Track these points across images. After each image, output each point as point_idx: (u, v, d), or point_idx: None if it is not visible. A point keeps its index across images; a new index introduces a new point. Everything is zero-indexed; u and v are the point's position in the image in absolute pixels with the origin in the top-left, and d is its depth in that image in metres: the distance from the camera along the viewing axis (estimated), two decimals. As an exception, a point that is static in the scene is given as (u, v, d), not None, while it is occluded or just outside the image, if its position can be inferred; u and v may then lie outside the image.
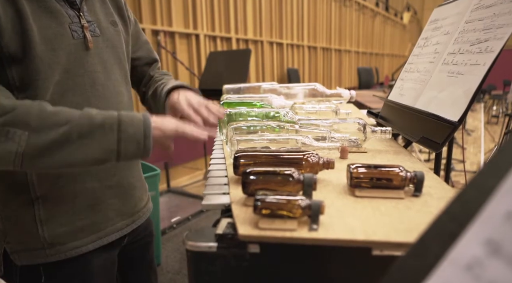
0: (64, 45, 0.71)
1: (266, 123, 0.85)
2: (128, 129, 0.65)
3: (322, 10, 6.46)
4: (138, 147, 0.65)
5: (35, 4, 0.68)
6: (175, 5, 3.39)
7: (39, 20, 0.68)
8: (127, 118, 0.66)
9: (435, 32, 1.11)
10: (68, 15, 0.73)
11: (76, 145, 0.62)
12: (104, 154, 0.64)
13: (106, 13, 0.84)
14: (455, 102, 0.81)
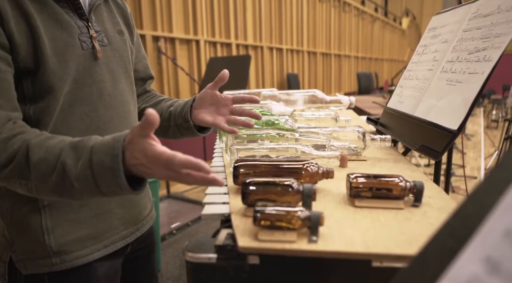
0: (74, 56, 0.72)
1: (266, 132, 0.85)
2: (103, 181, 0.58)
3: (321, 15, 6.50)
4: (120, 192, 0.59)
5: (46, 16, 0.69)
6: (175, 11, 3.41)
7: (50, 32, 0.69)
8: (98, 169, 0.58)
9: (434, 40, 1.12)
10: (78, 26, 0.74)
11: (68, 192, 0.61)
12: (95, 197, 0.62)
13: (113, 22, 0.85)
14: (454, 111, 0.81)
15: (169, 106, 0.93)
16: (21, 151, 0.60)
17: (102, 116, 0.78)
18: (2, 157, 0.60)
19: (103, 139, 0.60)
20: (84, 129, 0.75)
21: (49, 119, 0.70)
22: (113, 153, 0.56)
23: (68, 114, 0.73)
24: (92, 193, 0.60)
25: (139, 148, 0.55)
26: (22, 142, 0.61)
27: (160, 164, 0.53)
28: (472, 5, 0.96)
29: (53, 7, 0.71)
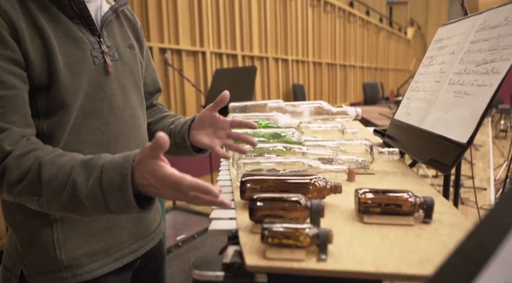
0: (86, 71, 0.73)
1: (272, 145, 0.85)
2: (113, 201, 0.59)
3: (326, 26, 6.54)
4: (128, 212, 0.60)
5: (60, 33, 0.70)
6: (182, 24, 3.46)
7: (63, 48, 0.70)
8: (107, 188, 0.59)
9: (440, 51, 1.11)
10: (90, 42, 0.75)
11: (77, 209, 0.62)
12: (104, 214, 0.62)
13: (123, 37, 0.86)
14: (463, 124, 0.80)
15: (171, 124, 0.93)
16: (34, 168, 0.61)
17: (113, 130, 0.78)
18: (16, 174, 0.61)
19: (113, 158, 0.61)
20: (95, 143, 0.75)
21: (61, 134, 0.71)
22: (122, 172, 0.57)
23: (80, 128, 0.73)
24: (101, 211, 0.60)
25: (148, 169, 0.55)
26: (34, 159, 0.62)
27: (168, 185, 0.54)
28: (479, 17, 0.95)
29: (67, 24, 0.72)
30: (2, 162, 0.61)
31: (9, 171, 0.61)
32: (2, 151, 0.61)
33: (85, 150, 0.73)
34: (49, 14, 0.70)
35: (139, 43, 0.92)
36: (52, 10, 0.71)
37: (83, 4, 0.74)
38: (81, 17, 0.74)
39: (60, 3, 0.72)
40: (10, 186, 0.62)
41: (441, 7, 12.77)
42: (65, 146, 0.72)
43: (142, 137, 0.88)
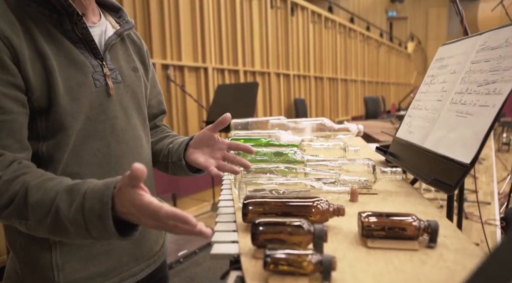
0: (87, 94, 0.74)
1: (275, 166, 0.84)
2: (94, 228, 0.59)
3: (327, 41, 6.61)
4: (108, 238, 0.60)
5: (62, 57, 0.71)
6: (184, 41, 3.50)
7: (64, 72, 0.71)
8: (88, 214, 0.59)
9: (442, 70, 1.12)
10: (92, 65, 0.76)
11: (63, 233, 0.62)
12: (88, 240, 0.63)
13: (128, 59, 0.87)
14: (466, 144, 0.80)
15: (169, 143, 0.93)
16: (21, 192, 0.62)
17: (114, 152, 0.79)
18: (4, 198, 0.62)
19: (96, 185, 0.61)
20: (97, 164, 0.75)
21: (61, 156, 0.71)
22: (102, 200, 0.57)
23: (80, 150, 0.73)
24: (84, 236, 0.61)
25: (127, 198, 0.55)
26: (22, 183, 0.63)
27: (147, 214, 0.54)
28: (479, 37, 0.96)
29: (70, 48, 0.73)
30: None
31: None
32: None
33: (85, 172, 0.73)
34: (52, 39, 0.71)
35: (145, 66, 0.93)
36: (56, 35, 0.72)
37: (86, 29, 0.75)
38: (84, 41, 0.76)
39: (63, 28, 0.73)
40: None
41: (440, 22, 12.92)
42: (65, 167, 0.72)
43: (145, 158, 0.88)
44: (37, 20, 0.70)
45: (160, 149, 0.95)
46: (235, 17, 4.18)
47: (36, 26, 0.70)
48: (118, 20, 0.88)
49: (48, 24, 0.72)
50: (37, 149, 0.70)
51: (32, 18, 0.70)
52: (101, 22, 0.83)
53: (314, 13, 6.12)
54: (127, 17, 0.90)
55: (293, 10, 5.43)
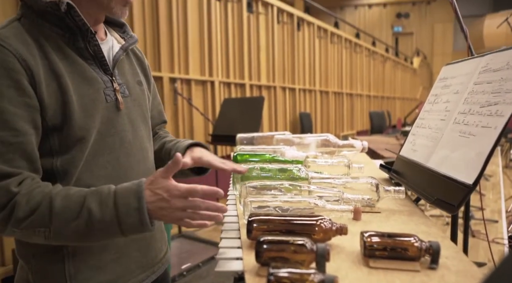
0: (99, 109, 0.77)
1: (279, 183, 0.86)
2: (128, 220, 0.67)
3: (333, 56, 6.67)
4: (140, 231, 0.69)
5: (75, 75, 0.74)
6: (192, 55, 3.57)
7: (78, 89, 0.74)
8: (123, 209, 0.67)
9: (445, 90, 1.14)
10: (103, 81, 0.79)
11: (89, 237, 0.69)
12: (113, 239, 0.73)
13: (133, 74, 0.90)
14: (469, 164, 0.81)
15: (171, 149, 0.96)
16: (44, 201, 0.65)
17: (123, 164, 0.81)
18: (25, 210, 0.64)
19: (122, 185, 0.70)
20: (106, 176, 0.78)
21: (74, 170, 0.74)
22: (137, 195, 0.67)
23: (91, 164, 0.76)
24: (112, 234, 0.68)
25: (161, 185, 0.67)
26: (43, 194, 0.66)
27: (179, 195, 0.67)
28: (482, 59, 0.98)
29: (82, 65, 0.76)
30: (11, 201, 0.65)
31: (18, 208, 0.64)
32: (10, 192, 0.64)
33: (96, 184, 0.75)
34: (65, 56, 0.74)
35: (147, 79, 0.97)
36: (68, 52, 0.75)
37: (98, 46, 0.78)
38: (95, 58, 0.79)
39: (76, 46, 0.76)
40: (17, 221, 0.65)
41: (446, 37, 12.99)
42: (77, 181, 0.74)
43: (150, 169, 0.91)
44: (50, 39, 0.73)
45: (160, 148, 0.99)
46: (242, 32, 4.25)
47: (49, 45, 0.72)
48: (122, 35, 0.91)
49: (61, 42, 0.74)
50: (51, 165, 0.73)
51: (46, 37, 0.73)
52: (108, 39, 0.86)
53: (320, 28, 6.20)
54: (131, 32, 0.93)
55: (300, 25, 5.51)
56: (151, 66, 3.22)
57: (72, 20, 0.73)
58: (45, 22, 0.73)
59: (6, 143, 0.65)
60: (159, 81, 3.21)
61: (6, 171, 0.65)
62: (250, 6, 4.36)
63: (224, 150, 3.91)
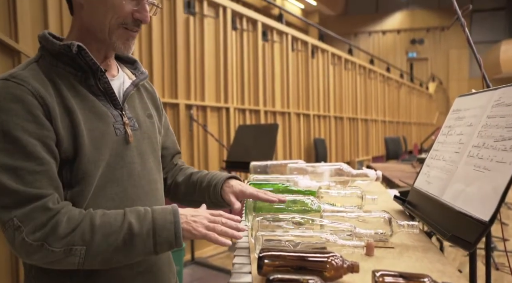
0: (108, 142, 0.80)
1: (291, 217, 0.86)
2: (162, 233, 0.73)
3: (347, 82, 6.72)
4: (171, 246, 0.75)
5: (87, 110, 0.78)
6: (208, 82, 3.66)
7: (88, 123, 0.77)
8: (160, 222, 0.74)
9: (458, 122, 1.13)
10: (113, 115, 0.83)
11: (122, 252, 0.72)
12: (144, 256, 0.75)
13: (143, 107, 0.94)
14: (484, 200, 0.80)
15: (202, 181, 1.01)
16: (86, 218, 0.71)
17: (131, 196, 0.83)
18: (67, 227, 0.69)
19: (157, 206, 0.78)
20: (114, 208, 0.79)
21: (83, 202, 0.76)
22: (174, 212, 0.76)
23: (99, 196, 0.78)
24: (146, 249, 0.73)
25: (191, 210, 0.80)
26: (81, 212, 0.72)
27: (207, 213, 0.80)
28: (495, 92, 0.98)
29: (93, 101, 0.80)
30: (51, 219, 0.68)
31: (59, 225, 0.68)
32: (49, 210, 0.69)
33: None
34: (77, 93, 0.79)
35: (158, 112, 1.00)
36: (80, 89, 0.79)
37: (108, 83, 0.83)
38: (105, 94, 0.83)
39: (87, 83, 0.81)
40: (58, 239, 0.67)
41: (461, 63, 12.93)
42: None
43: (159, 200, 0.92)
44: (64, 78, 0.78)
45: (187, 179, 1.04)
46: (257, 59, 4.35)
47: (63, 83, 0.78)
48: (133, 71, 0.96)
49: (74, 80, 0.79)
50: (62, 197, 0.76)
51: (60, 76, 0.78)
52: (119, 75, 0.91)
53: (334, 55, 6.29)
54: (142, 68, 0.98)
55: (314, 53, 5.61)
56: (168, 93, 3.33)
57: (83, 60, 0.78)
58: (59, 63, 0.79)
59: (33, 172, 0.69)
60: (175, 108, 3.29)
61: (39, 192, 0.69)
62: (265, 35, 4.49)
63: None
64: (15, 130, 0.69)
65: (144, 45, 3.07)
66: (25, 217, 0.66)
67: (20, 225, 0.66)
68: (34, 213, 0.67)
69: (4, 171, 0.67)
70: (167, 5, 3.26)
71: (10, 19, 2.10)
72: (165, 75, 3.25)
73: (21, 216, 0.66)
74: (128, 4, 0.80)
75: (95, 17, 0.80)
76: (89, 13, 0.80)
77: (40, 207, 0.67)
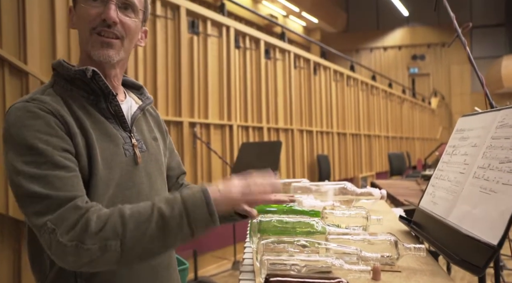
0: (118, 163, 0.82)
1: (295, 240, 0.86)
2: (195, 211, 0.73)
3: (350, 98, 6.75)
4: (207, 223, 0.74)
5: (99, 132, 0.82)
6: (212, 100, 3.69)
7: (101, 144, 0.80)
8: (191, 200, 0.74)
9: (462, 142, 1.13)
10: (122, 137, 0.86)
11: (159, 239, 0.71)
12: (182, 239, 0.74)
13: (149, 130, 0.97)
14: (492, 223, 0.79)
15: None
16: (115, 212, 0.71)
17: None
18: (98, 223, 0.69)
19: (186, 190, 0.78)
20: None
21: None
22: (202, 189, 0.75)
23: None
24: (183, 231, 0.72)
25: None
26: (113, 208, 0.72)
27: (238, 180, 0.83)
28: (498, 114, 0.99)
29: (104, 123, 0.84)
30: (81, 218, 0.69)
31: (90, 222, 0.68)
32: (79, 208, 0.70)
33: None
34: (89, 115, 0.82)
35: (163, 135, 1.04)
36: (92, 112, 0.83)
37: (118, 106, 0.86)
38: (115, 116, 0.86)
39: (98, 106, 0.84)
40: (91, 236, 0.67)
41: (463, 78, 12.98)
42: None
43: None
44: (77, 101, 0.82)
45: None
46: (260, 77, 4.40)
47: (77, 106, 0.81)
48: (140, 97, 1.00)
49: (86, 103, 0.83)
50: None
51: (74, 100, 0.82)
52: (127, 100, 0.95)
53: (337, 72, 6.34)
54: (147, 94, 1.02)
55: (316, 70, 5.66)
56: (172, 111, 3.36)
57: (96, 84, 0.82)
58: (73, 87, 0.83)
59: (62, 177, 0.71)
60: (179, 126, 3.31)
61: (69, 195, 0.71)
62: (267, 53, 4.54)
63: (241, 193, 3.89)
64: (39, 144, 0.71)
65: (149, 65, 3.12)
66: (58, 219, 0.68)
67: (54, 228, 0.67)
68: (66, 214, 0.68)
69: (34, 180, 0.69)
70: (171, 25, 3.32)
71: (20, 41, 2.14)
72: (169, 93, 3.29)
73: (54, 218, 0.68)
74: (94, 8, 0.81)
75: (80, 34, 0.85)
76: (78, 32, 0.86)
77: (71, 207, 0.69)
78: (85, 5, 0.81)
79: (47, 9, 2.33)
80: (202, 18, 3.65)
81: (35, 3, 2.23)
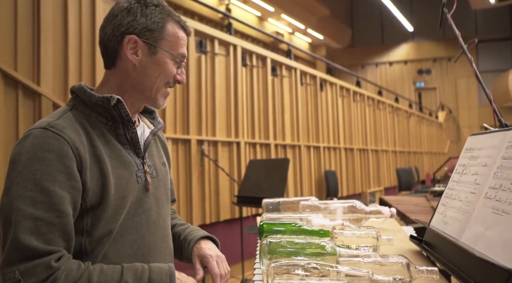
0: (131, 190, 0.82)
1: (306, 262, 0.85)
2: None
3: (356, 114, 6.75)
4: None
5: (114, 159, 0.81)
6: (219, 118, 3.73)
7: (115, 171, 0.80)
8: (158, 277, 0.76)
9: (473, 161, 1.12)
10: (136, 164, 0.86)
11: None
12: None
13: (158, 155, 0.97)
14: (506, 245, 0.78)
15: (179, 235, 1.02)
16: (84, 275, 0.70)
17: (148, 243, 0.84)
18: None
19: (155, 264, 0.78)
20: (132, 255, 0.80)
21: (101, 249, 0.77)
22: (170, 274, 0.77)
23: (119, 242, 0.79)
24: None
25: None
26: (81, 270, 0.71)
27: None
28: (508, 133, 0.98)
29: (120, 150, 0.84)
30: (50, 276, 0.68)
31: (59, 282, 0.68)
32: (51, 268, 0.68)
33: (121, 263, 0.78)
34: (106, 141, 0.82)
35: (168, 161, 1.04)
36: (109, 138, 0.83)
37: (135, 133, 0.87)
38: (130, 143, 0.86)
39: (116, 132, 0.85)
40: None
41: (470, 91, 12.93)
42: (103, 259, 0.77)
43: (170, 247, 0.94)
44: (95, 126, 0.82)
45: (171, 228, 1.03)
46: (267, 94, 4.44)
47: (95, 132, 0.81)
48: (151, 121, 1.00)
49: (104, 129, 0.83)
50: (79, 243, 0.77)
51: (92, 125, 0.82)
52: (140, 125, 0.95)
53: (343, 88, 6.37)
54: (158, 118, 1.03)
55: (322, 86, 5.70)
56: (180, 129, 3.39)
57: (117, 111, 0.83)
58: (92, 113, 0.83)
59: (50, 223, 0.70)
60: (187, 144, 3.34)
61: (47, 249, 0.69)
62: (274, 70, 4.60)
63: (249, 211, 3.88)
64: (46, 180, 0.71)
65: (157, 83, 3.17)
66: (26, 272, 0.67)
67: (20, 279, 0.67)
68: (37, 269, 0.67)
69: (22, 221, 0.69)
70: (179, 45, 3.40)
71: (34, 63, 2.21)
72: (177, 111, 3.33)
73: (24, 270, 0.67)
74: (174, 68, 0.89)
75: (147, 77, 0.87)
76: (142, 73, 0.86)
77: (44, 264, 0.68)
78: (169, 60, 0.88)
79: (60, 31, 2.40)
80: (210, 37, 3.72)
81: (49, 26, 2.30)
